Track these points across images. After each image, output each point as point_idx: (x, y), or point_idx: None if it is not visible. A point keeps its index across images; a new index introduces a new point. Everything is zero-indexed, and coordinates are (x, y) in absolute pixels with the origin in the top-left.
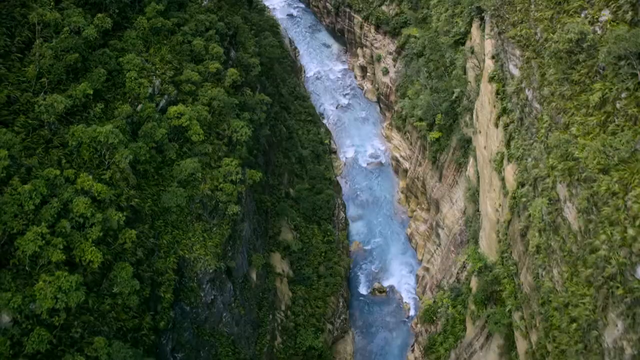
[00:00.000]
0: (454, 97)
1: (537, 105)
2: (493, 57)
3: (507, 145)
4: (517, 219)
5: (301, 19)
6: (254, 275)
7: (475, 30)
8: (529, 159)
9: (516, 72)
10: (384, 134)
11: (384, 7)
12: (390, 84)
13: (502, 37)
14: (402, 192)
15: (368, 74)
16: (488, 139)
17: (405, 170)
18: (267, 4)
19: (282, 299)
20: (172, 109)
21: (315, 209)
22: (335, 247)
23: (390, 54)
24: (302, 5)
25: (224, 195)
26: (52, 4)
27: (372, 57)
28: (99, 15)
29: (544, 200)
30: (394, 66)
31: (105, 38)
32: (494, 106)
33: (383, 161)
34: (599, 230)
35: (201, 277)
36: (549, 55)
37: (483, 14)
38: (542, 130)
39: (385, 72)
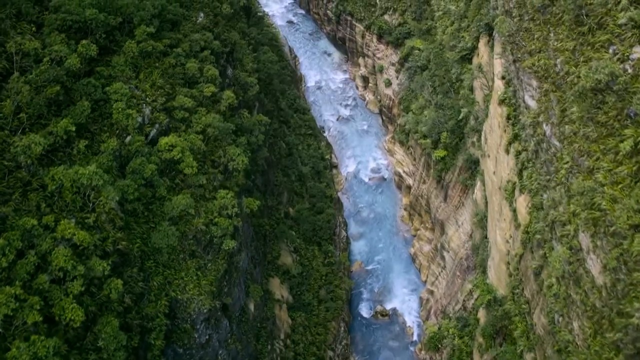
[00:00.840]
0: (461, 117)
1: (557, 143)
2: (503, 78)
3: (519, 174)
4: (530, 255)
5: (301, 26)
6: (251, 307)
7: (482, 47)
8: (545, 195)
9: (532, 104)
10: (386, 147)
11: (386, 17)
12: (392, 96)
13: (517, 65)
14: (405, 209)
15: (370, 84)
16: (498, 164)
17: (409, 187)
18: (266, 10)
19: (281, 328)
20: (163, 141)
21: (315, 230)
22: (336, 269)
23: (393, 65)
24: (302, 12)
25: (219, 230)
26: (32, 29)
27: (374, 67)
28: (83, 42)
29: (565, 250)
30: (397, 78)
31: (92, 64)
32: (505, 131)
33: (385, 176)
34: (630, 294)
35: (195, 318)
36: (572, 93)
37: (492, 32)
38: (562, 172)
39: (388, 83)
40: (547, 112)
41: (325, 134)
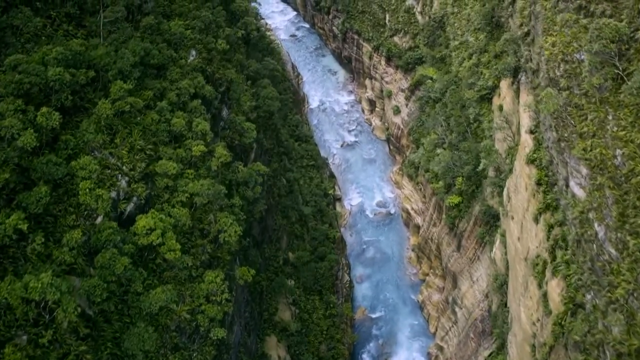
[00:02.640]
0: (480, 168)
1: (612, 251)
2: (532, 132)
3: (552, 252)
4: (565, 352)
5: (305, 41)
6: None
7: (505, 88)
8: (588, 297)
9: (580, 194)
10: (393, 179)
11: (396, 39)
12: (401, 126)
13: (563, 145)
14: (412, 250)
15: (377, 108)
16: (524, 231)
17: (417, 226)
18: (269, 22)
19: None
20: (141, 223)
21: (317, 278)
22: (338, 322)
23: (402, 91)
24: (307, 26)
25: (206, 319)
26: None
27: (381, 91)
28: (43, 110)
29: None
30: (407, 106)
31: (55, 131)
32: (534, 195)
33: (392, 211)
34: None
35: None
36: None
37: (519, 76)
38: (621, 291)
39: (397, 111)
40: (601, 210)
41: (328, 161)
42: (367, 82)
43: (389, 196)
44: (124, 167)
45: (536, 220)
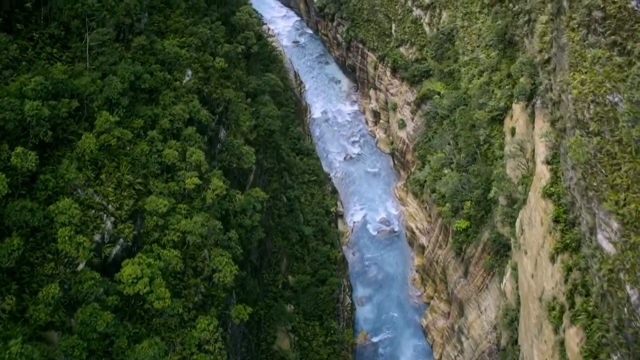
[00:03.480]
0: (491, 196)
1: None
2: (548, 163)
3: (570, 297)
4: None
5: (308, 48)
6: None
7: (518, 110)
8: (615, 358)
9: (609, 249)
10: (397, 195)
11: (402, 50)
12: (407, 140)
13: (591, 194)
14: (417, 270)
15: (381, 120)
16: (538, 268)
17: (422, 247)
18: (272, 27)
19: None
20: (127, 271)
21: (317, 302)
22: (339, 349)
23: (408, 104)
24: (310, 32)
25: None
26: None
27: (386, 103)
28: (18, 150)
29: None
30: (412, 120)
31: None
32: (550, 233)
33: (396, 228)
34: None
35: None
36: None
37: (534, 99)
38: None
39: (402, 125)
40: (634, 272)
41: (331, 175)
42: (372, 92)
43: (393, 213)
44: (110, 206)
45: (552, 259)
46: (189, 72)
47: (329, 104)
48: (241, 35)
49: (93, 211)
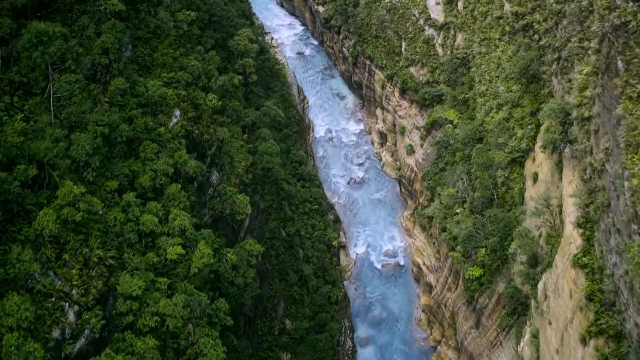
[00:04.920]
0: (510, 252)
1: None
2: (579, 227)
3: None
4: None
5: (313, 60)
6: None
7: (542, 156)
8: None
9: None
10: (404, 225)
11: (412, 70)
12: (415, 168)
13: (626, 255)
14: (423, 310)
15: (388, 143)
16: (565, 346)
17: (430, 285)
18: (276, 37)
19: None
20: None
21: (316, 350)
22: None
23: (418, 129)
24: (315, 43)
25: None
26: None
27: (394, 125)
28: None
29: None
30: (422, 147)
31: None
32: (581, 309)
33: (402, 262)
34: None
35: None
36: None
37: (561, 146)
38: None
39: (410, 151)
40: None
41: (334, 201)
42: (379, 112)
43: (399, 245)
44: (74, 293)
45: (584, 341)
46: (177, 114)
47: (334, 122)
48: (239, 62)
49: (53, 300)
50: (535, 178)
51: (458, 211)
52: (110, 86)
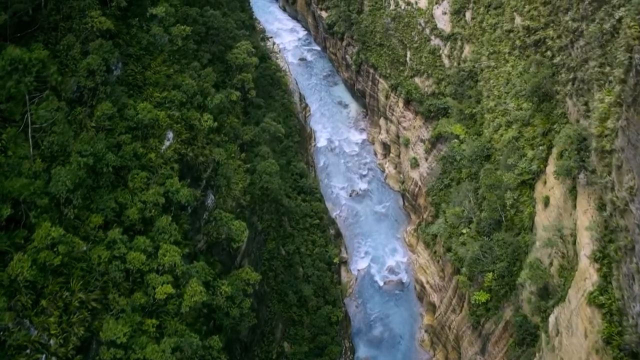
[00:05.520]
0: (518, 282)
1: None
2: (595, 261)
3: None
4: None
5: (315, 66)
6: None
7: (553, 178)
8: None
9: None
10: (406, 240)
11: (417, 80)
12: (419, 182)
13: None
14: (426, 330)
15: (392, 154)
16: None
17: (433, 305)
18: (277, 41)
19: None
20: None
21: None
22: None
23: (422, 141)
24: (318, 49)
25: None
26: None
27: (397, 136)
28: None
29: None
30: (426, 160)
31: None
32: (597, 352)
33: (404, 280)
34: None
35: None
36: None
37: (575, 172)
38: None
39: (414, 164)
40: None
41: (335, 214)
42: (382, 122)
43: (402, 261)
44: (52, 342)
45: None
46: (170, 136)
47: (336, 132)
48: (237, 77)
49: (27, 353)
50: (546, 202)
51: (464, 231)
52: (97, 110)
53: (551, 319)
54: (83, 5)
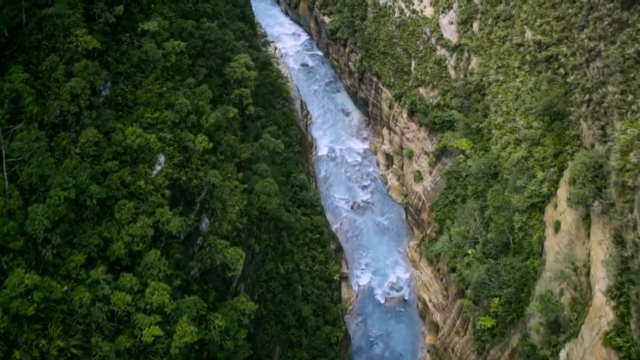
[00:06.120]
0: (528, 312)
1: None
2: (612, 298)
3: None
4: None
5: (317, 72)
6: None
7: (565, 203)
8: None
9: None
10: (409, 254)
11: (421, 90)
12: (423, 197)
13: None
14: (428, 351)
15: (394, 165)
16: None
17: (435, 324)
18: (279, 46)
19: None
20: None
21: None
22: None
23: (426, 154)
24: (320, 54)
25: None
26: None
27: (401, 147)
28: None
29: None
30: (430, 174)
31: None
32: None
33: (406, 296)
34: None
35: None
36: None
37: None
38: None
39: (418, 177)
40: None
41: (335, 226)
42: (385, 131)
43: (404, 277)
44: None
45: None
46: (161, 159)
47: (337, 140)
48: (235, 92)
49: None
50: (557, 227)
51: (469, 252)
52: (81, 137)
53: (562, 354)
54: (67, 23)
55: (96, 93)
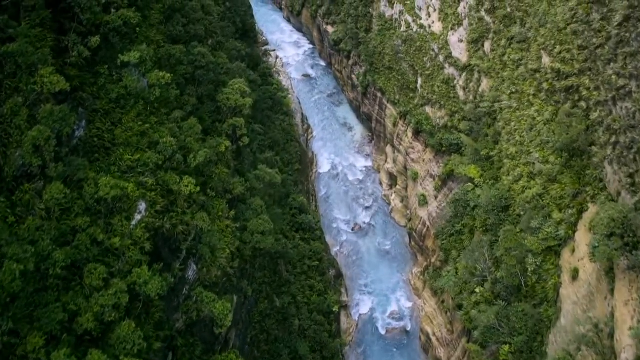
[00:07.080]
0: None
1: None
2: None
3: None
4: None
5: (320, 83)
6: None
7: (585, 249)
8: None
9: None
10: (412, 282)
11: (428, 110)
12: (427, 222)
13: None
14: None
15: (398, 186)
16: None
17: (438, 359)
18: (280, 54)
19: None
20: None
21: None
22: None
23: (432, 177)
24: (323, 64)
25: None
26: None
27: (405, 168)
28: None
29: None
30: (436, 198)
31: None
32: None
33: (408, 327)
34: None
35: None
36: None
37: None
38: None
39: (423, 201)
40: None
41: (335, 250)
42: (389, 150)
43: (406, 306)
44: None
45: None
46: (142, 207)
47: (339, 156)
48: (228, 122)
49: None
50: (575, 275)
51: (477, 290)
52: (45, 193)
53: None
54: (31, 62)
55: (62, 144)
